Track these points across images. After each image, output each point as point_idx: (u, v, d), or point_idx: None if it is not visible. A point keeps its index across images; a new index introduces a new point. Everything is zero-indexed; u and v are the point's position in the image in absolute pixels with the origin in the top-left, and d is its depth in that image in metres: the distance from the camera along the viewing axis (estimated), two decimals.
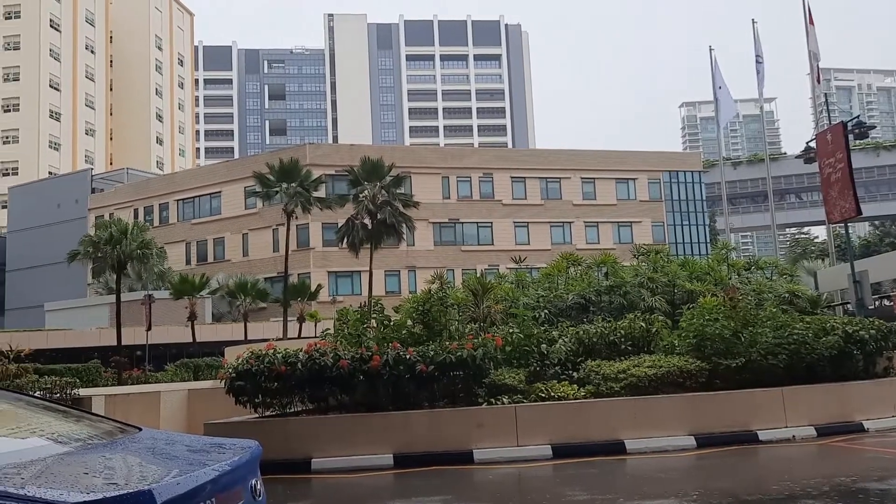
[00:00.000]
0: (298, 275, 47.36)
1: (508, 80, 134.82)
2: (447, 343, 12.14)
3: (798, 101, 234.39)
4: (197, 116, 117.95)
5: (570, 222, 56.19)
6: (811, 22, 29.84)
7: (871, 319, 14.13)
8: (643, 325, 14.42)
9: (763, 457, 10.81)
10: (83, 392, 14.31)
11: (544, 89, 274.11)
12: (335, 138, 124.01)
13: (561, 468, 10.28)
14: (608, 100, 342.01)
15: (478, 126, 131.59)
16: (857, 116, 22.10)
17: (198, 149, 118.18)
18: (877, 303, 33.16)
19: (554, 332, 14.52)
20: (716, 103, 36.32)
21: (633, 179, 58.27)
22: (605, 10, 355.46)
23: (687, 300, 17.96)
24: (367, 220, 34.41)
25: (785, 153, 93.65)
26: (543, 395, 12.03)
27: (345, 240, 35.52)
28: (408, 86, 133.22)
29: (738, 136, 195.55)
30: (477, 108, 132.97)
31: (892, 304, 34.27)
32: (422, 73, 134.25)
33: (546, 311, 17.34)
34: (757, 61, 34.13)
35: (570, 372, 13.24)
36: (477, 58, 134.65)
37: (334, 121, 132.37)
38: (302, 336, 34.05)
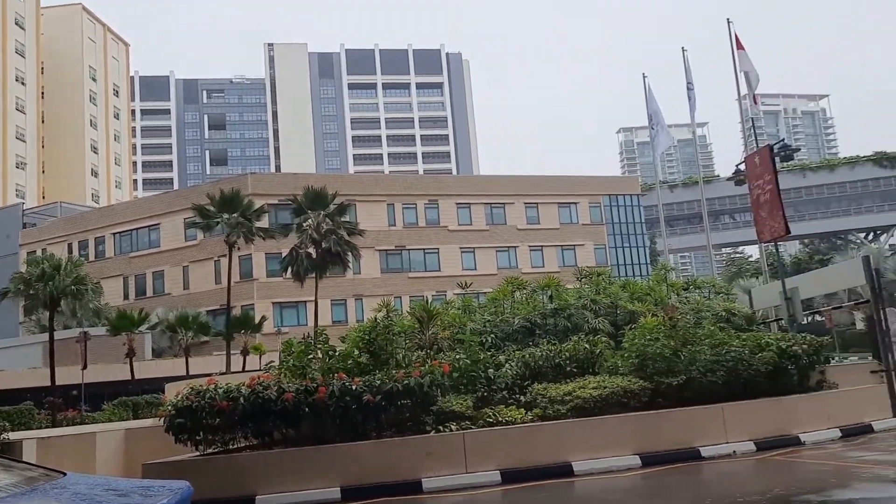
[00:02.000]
0: (242, 306, 46.50)
1: (451, 108, 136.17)
2: (394, 372, 12.06)
3: (730, 124, 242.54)
4: (134, 147, 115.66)
5: (515, 247, 56.73)
6: (740, 47, 31.06)
7: (803, 335, 14.60)
8: (587, 346, 14.61)
9: (705, 473, 11.00)
10: (13, 436, 13.68)
11: (486, 116, 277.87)
12: (278, 168, 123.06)
13: (510, 494, 10.27)
14: (549, 127, 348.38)
15: (422, 153, 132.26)
16: (783, 140, 23.08)
17: (135, 180, 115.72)
18: (809, 318, 34.28)
19: (501, 357, 14.58)
20: (651, 129, 37.39)
21: (575, 203, 59.31)
22: (543, 40, 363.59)
23: (629, 321, 18.24)
24: (311, 250, 34.10)
25: (718, 175, 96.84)
26: (491, 420, 12.03)
27: (289, 269, 35.14)
28: (351, 114, 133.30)
29: (674, 160, 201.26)
30: (420, 136, 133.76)
31: (823, 318, 35.51)
32: (364, 101, 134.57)
33: (493, 335, 17.37)
34: (688, 88, 35.29)
35: (518, 396, 13.30)
36: (419, 86, 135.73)
37: (276, 150, 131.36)
38: (246, 370, 33.35)
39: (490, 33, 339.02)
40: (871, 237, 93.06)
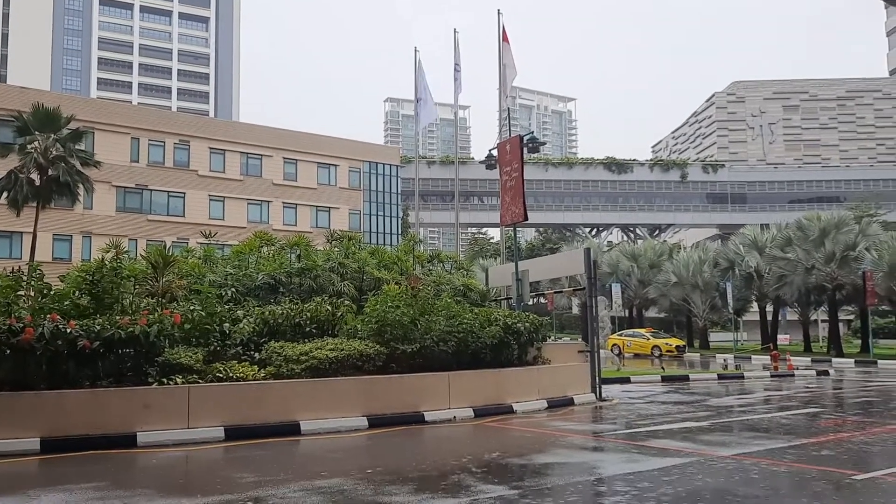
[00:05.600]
0: None
1: (215, 46, 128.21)
2: (118, 318, 11.19)
3: (493, 111, 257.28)
4: None
5: (268, 202, 55.20)
6: (505, 40, 32.79)
7: (527, 314, 15.96)
8: (329, 308, 14.66)
9: (426, 436, 11.62)
10: None
11: (253, 62, 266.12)
12: (2, 78, 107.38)
13: (232, 450, 10.01)
14: (319, 85, 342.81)
15: (178, 89, 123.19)
16: (532, 133, 24.97)
17: None
18: (534, 300, 37.71)
19: (239, 312, 14.16)
20: (416, 104, 38.25)
21: (335, 166, 59.10)
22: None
23: (374, 287, 18.66)
24: (34, 175, 30.24)
25: (473, 158, 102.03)
26: (221, 375, 11.64)
27: (4, 194, 30.85)
28: (99, 33, 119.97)
29: (435, 138, 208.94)
30: (178, 70, 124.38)
31: (545, 301, 39.25)
32: (117, 21, 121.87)
33: (234, 289, 16.81)
34: (455, 69, 36.55)
35: (253, 353, 13.01)
36: (182, 16, 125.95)
37: (3, 58, 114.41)
38: None
39: None
40: (594, 232, 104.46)
